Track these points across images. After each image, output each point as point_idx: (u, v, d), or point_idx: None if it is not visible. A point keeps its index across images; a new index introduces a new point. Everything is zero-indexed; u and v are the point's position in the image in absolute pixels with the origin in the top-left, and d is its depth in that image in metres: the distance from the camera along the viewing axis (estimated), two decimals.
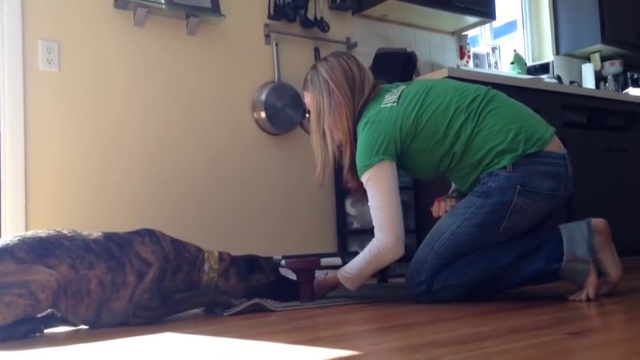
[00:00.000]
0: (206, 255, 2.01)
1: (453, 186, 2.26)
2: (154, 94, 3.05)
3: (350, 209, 3.46)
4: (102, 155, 2.87)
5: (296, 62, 3.47)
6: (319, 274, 2.24)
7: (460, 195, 2.17)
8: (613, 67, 4.81)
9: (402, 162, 2.08)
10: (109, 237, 1.87)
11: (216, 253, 2.04)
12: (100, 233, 1.88)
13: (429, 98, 2.04)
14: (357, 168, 2.06)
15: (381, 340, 1.35)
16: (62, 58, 2.82)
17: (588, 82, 4.75)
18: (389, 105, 2.06)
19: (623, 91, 4.62)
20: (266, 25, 3.39)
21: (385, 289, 2.46)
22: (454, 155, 2.00)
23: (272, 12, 3.39)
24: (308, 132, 3.47)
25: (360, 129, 2.08)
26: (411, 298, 2.05)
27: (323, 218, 3.49)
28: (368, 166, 2.01)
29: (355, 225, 3.42)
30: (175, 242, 1.96)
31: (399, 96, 2.07)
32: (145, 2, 2.93)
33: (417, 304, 2.00)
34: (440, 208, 2.16)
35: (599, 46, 4.66)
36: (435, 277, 1.98)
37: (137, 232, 1.93)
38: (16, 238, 1.72)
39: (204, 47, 3.20)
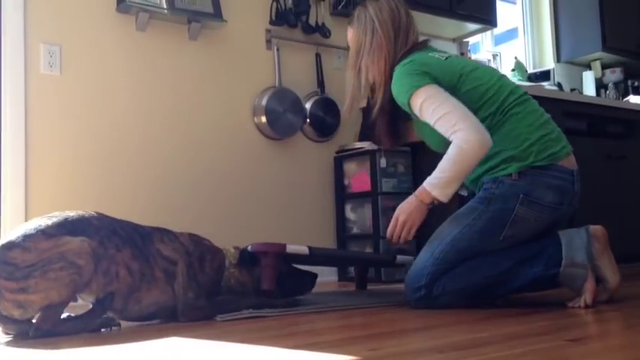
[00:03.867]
0: (224, 251, 2.07)
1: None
2: (155, 98, 3.05)
3: (350, 214, 3.46)
4: (102, 159, 2.88)
5: (297, 68, 3.48)
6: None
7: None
8: (614, 75, 4.82)
9: (420, 126, 2.07)
10: (133, 226, 1.91)
11: (232, 249, 2.09)
12: (126, 221, 1.92)
13: (474, 73, 2.03)
14: (403, 93, 1.98)
15: (380, 346, 1.35)
16: (64, 61, 2.83)
17: (589, 89, 4.75)
18: (437, 56, 2.06)
19: (624, 99, 4.63)
20: (267, 31, 3.40)
21: (381, 296, 2.45)
22: None
23: (274, 17, 3.40)
24: (308, 137, 3.49)
25: (400, 66, 2.03)
26: (409, 304, 2.05)
27: (323, 223, 3.49)
28: (418, 87, 1.95)
29: (355, 230, 3.42)
30: (191, 235, 2.02)
31: (448, 56, 2.08)
32: (147, 7, 2.94)
33: (415, 309, 1.99)
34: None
35: (599, 54, 4.67)
36: (434, 282, 1.97)
37: (156, 228, 1.97)
38: (49, 220, 1.76)
39: (206, 52, 3.21)
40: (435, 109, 1.93)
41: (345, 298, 2.31)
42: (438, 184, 1.91)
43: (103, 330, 1.72)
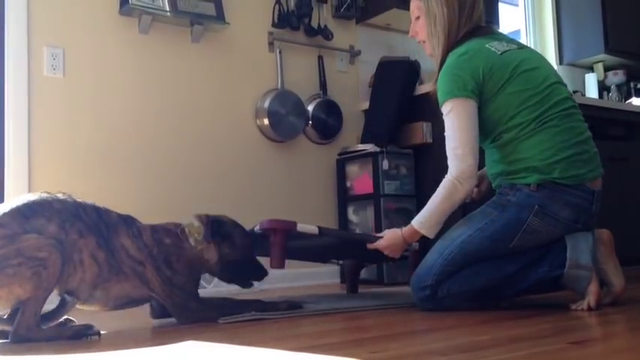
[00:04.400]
0: (186, 230, 1.92)
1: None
2: (158, 100, 3.06)
3: (352, 216, 3.46)
4: (105, 161, 2.88)
5: (299, 70, 3.49)
6: None
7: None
8: (616, 77, 4.81)
9: None
10: (99, 213, 1.81)
11: (197, 223, 1.93)
12: (92, 204, 1.81)
13: (525, 75, 1.96)
14: (439, 93, 2.00)
15: (381, 348, 1.35)
16: (67, 64, 2.83)
17: (591, 91, 4.75)
18: (493, 49, 1.99)
19: (627, 101, 4.62)
20: (270, 33, 3.41)
21: (384, 298, 2.45)
22: (500, 139, 1.99)
23: (276, 20, 3.40)
24: (311, 139, 3.49)
25: (454, 56, 2.00)
26: (414, 303, 2.04)
27: (325, 225, 3.49)
28: (455, 96, 1.95)
29: (357, 232, 3.42)
30: (154, 231, 1.89)
31: (507, 50, 2.00)
32: (150, 10, 2.95)
33: (418, 311, 1.99)
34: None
35: (602, 56, 4.66)
36: (440, 284, 1.97)
37: (122, 218, 1.86)
38: (7, 207, 1.68)
39: (209, 54, 3.22)
40: (450, 125, 1.97)
41: (347, 301, 2.31)
42: (426, 222, 2.00)
43: (83, 337, 1.65)
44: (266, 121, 3.30)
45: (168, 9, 2.99)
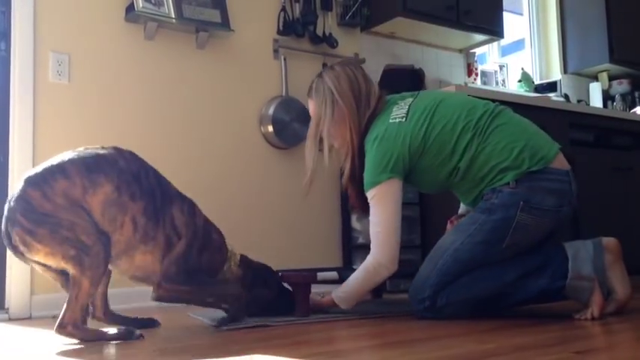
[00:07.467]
0: (229, 254, 1.99)
1: (463, 206, 2.26)
2: (163, 107, 3.07)
3: (356, 224, 3.46)
4: None
5: (304, 77, 3.49)
6: (315, 293, 2.20)
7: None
8: (621, 87, 4.81)
9: (408, 177, 2.08)
10: (160, 180, 1.86)
11: (239, 256, 2.02)
12: (155, 170, 1.87)
13: (437, 115, 2.02)
14: (365, 183, 2.05)
15: (383, 357, 1.35)
16: (72, 70, 2.84)
17: (596, 101, 4.75)
18: (397, 120, 2.05)
19: (631, 111, 4.62)
20: (275, 41, 3.42)
21: (389, 305, 2.44)
22: (458, 170, 2.00)
23: (281, 27, 3.41)
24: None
25: (368, 145, 2.07)
26: (415, 314, 2.04)
27: (329, 233, 3.49)
28: (375, 183, 2.01)
29: (361, 240, 3.42)
30: (207, 222, 1.95)
31: (408, 110, 2.06)
32: (156, 16, 2.96)
33: (421, 320, 1.99)
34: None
35: (607, 66, 4.66)
36: (438, 293, 1.97)
37: (181, 195, 1.91)
38: (75, 154, 1.75)
39: (214, 61, 3.23)
40: (375, 212, 2.01)
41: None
42: (346, 299, 2.07)
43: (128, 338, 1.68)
44: (270, 128, 3.30)
45: (173, 16, 3.00)
